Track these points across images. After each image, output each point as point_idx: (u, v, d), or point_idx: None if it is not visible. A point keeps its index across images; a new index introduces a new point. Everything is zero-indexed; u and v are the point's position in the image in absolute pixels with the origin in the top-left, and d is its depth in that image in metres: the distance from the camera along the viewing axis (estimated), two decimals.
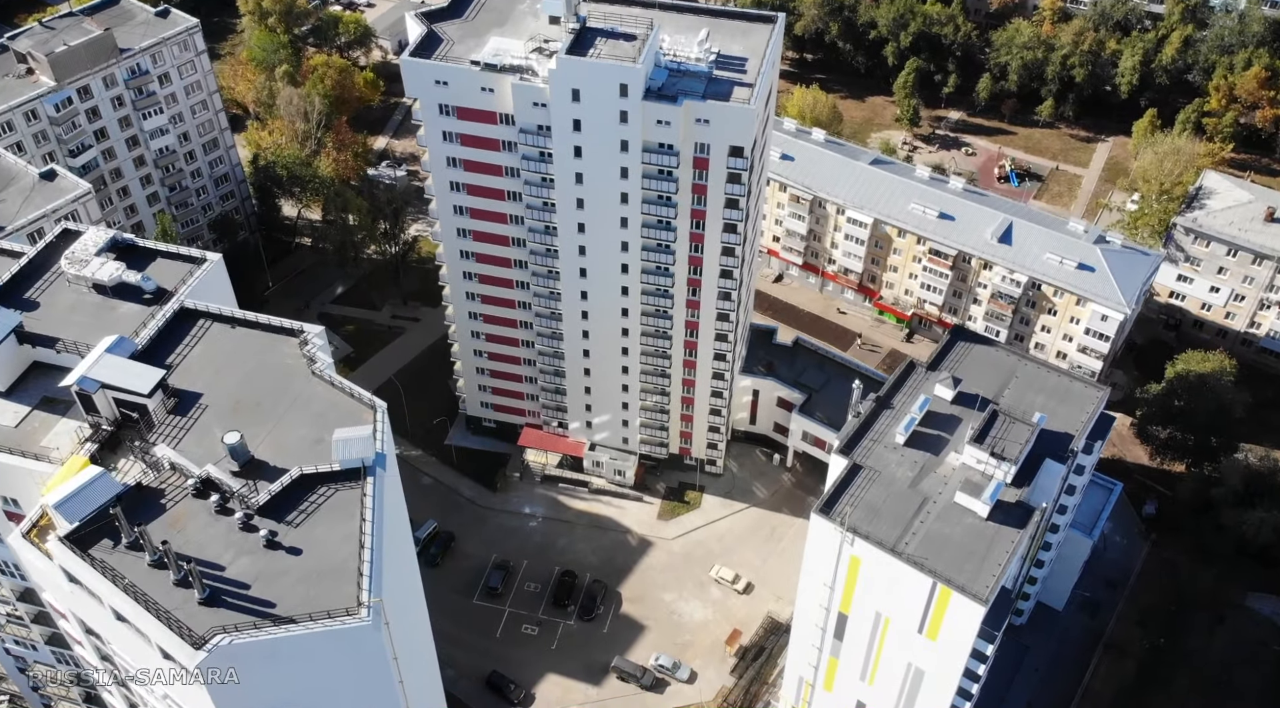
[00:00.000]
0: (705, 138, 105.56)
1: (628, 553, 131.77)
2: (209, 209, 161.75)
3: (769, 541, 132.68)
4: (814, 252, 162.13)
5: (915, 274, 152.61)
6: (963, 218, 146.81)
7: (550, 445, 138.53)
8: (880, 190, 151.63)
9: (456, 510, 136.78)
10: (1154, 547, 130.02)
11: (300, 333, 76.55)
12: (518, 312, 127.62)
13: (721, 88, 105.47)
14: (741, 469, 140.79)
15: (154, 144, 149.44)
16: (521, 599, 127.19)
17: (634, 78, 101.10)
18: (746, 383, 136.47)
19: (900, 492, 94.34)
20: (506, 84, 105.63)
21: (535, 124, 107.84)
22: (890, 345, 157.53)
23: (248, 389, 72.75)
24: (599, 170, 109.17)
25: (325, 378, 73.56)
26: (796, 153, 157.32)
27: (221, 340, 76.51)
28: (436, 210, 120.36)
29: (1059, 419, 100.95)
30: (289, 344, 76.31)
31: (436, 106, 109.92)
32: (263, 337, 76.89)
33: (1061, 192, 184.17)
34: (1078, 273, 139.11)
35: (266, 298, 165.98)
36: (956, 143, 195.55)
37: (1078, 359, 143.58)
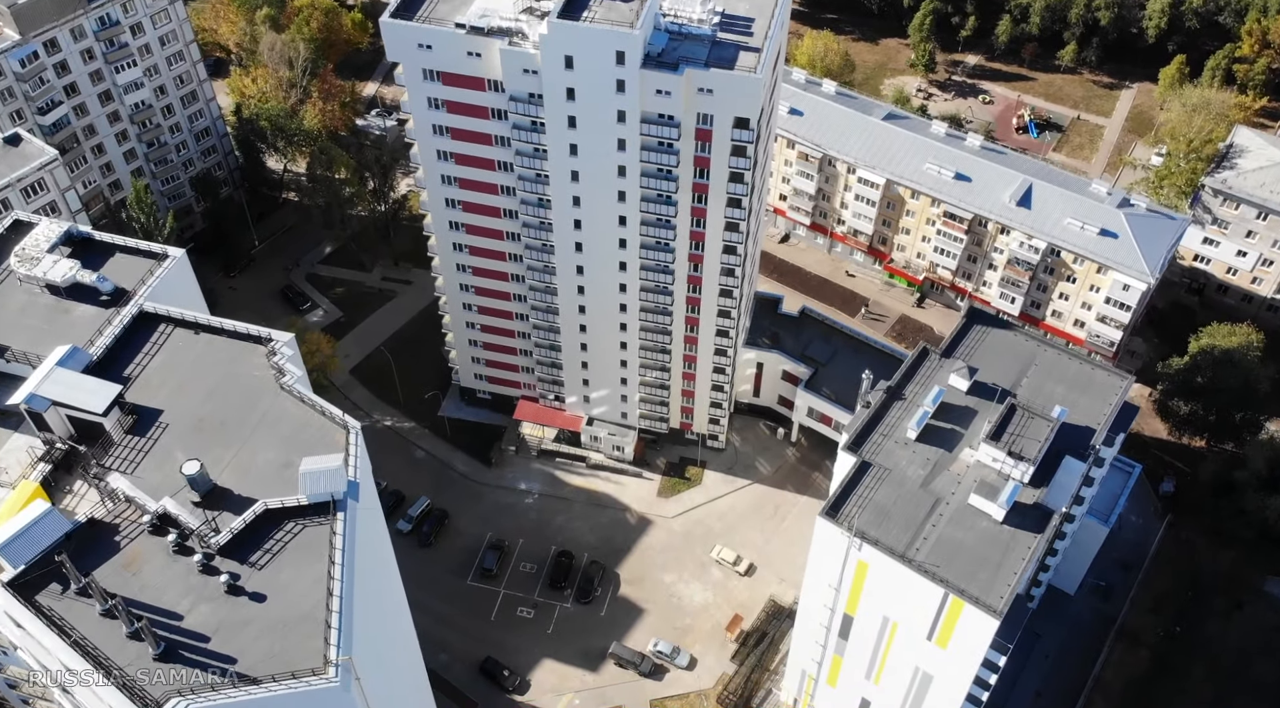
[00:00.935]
0: (708, 108, 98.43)
1: (626, 532, 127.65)
2: (190, 165, 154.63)
3: (772, 519, 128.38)
4: (822, 212, 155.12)
5: (928, 237, 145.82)
6: (980, 179, 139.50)
7: (546, 419, 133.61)
8: (893, 148, 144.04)
9: (450, 486, 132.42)
10: (1170, 527, 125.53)
11: (268, 341, 70.94)
12: (511, 284, 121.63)
13: (726, 53, 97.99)
14: (744, 444, 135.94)
15: (128, 99, 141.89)
16: (517, 580, 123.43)
17: (631, 45, 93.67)
18: (750, 356, 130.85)
19: (911, 492, 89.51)
20: (494, 49, 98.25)
21: (526, 92, 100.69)
22: (900, 311, 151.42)
23: (211, 406, 67.44)
24: (594, 142, 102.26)
25: (295, 393, 68.06)
26: (806, 107, 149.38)
27: (184, 349, 71.02)
28: (423, 180, 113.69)
29: (1080, 411, 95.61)
30: (256, 353, 70.76)
31: (420, 71, 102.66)
32: (228, 344, 71.34)
33: (1082, 143, 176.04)
34: (1100, 239, 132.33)
35: (253, 256, 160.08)
36: (973, 90, 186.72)
37: (1096, 329, 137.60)
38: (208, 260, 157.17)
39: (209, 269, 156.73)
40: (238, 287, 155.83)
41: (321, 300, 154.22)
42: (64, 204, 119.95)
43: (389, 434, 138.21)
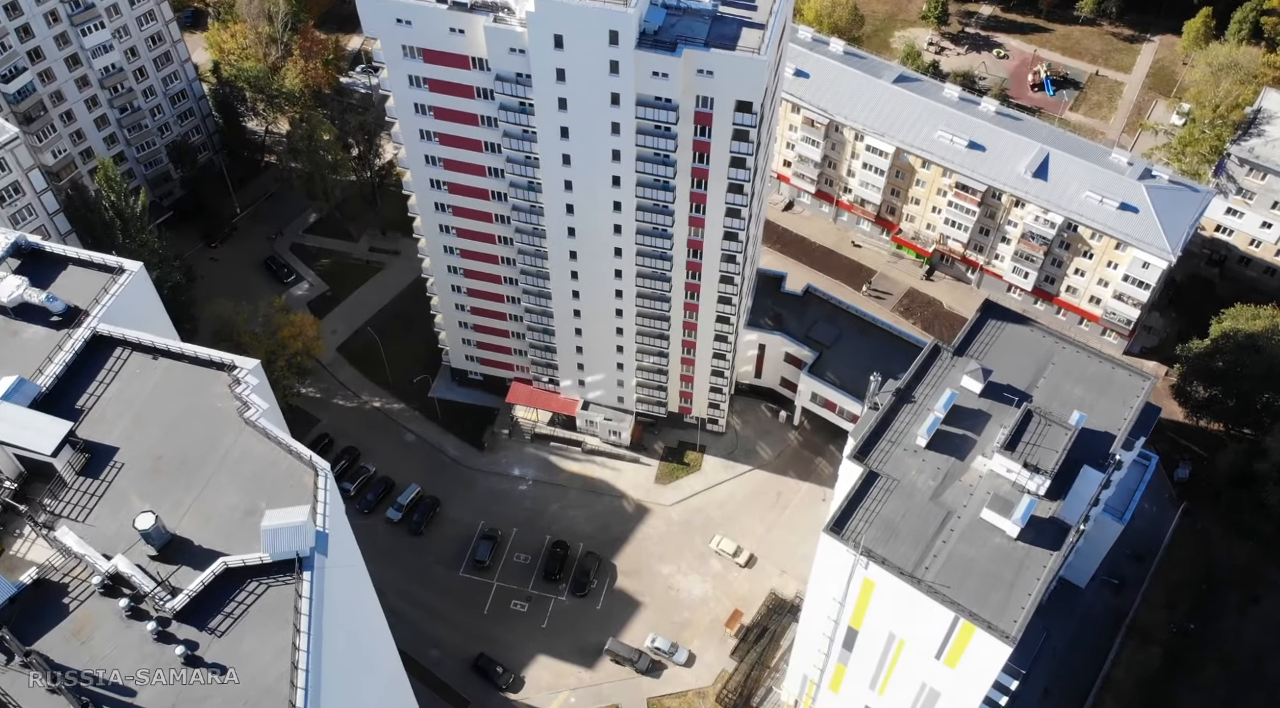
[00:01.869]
0: (708, 91, 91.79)
1: (623, 521, 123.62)
2: (166, 130, 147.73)
3: (773, 507, 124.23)
4: (828, 179, 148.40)
5: (939, 208, 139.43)
6: (994, 148, 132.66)
7: (540, 403, 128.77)
8: (904, 114, 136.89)
9: (441, 472, 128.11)
10: (1185, 516, 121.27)
11: (232, 369, 65.66)
12: (501, 267, 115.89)
13: (728, 30, 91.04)
14: (745, 427, 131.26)
15: (97, 63, 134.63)
16: (510, 572, 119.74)
17: (626, 24, 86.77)
18: (752, 337, 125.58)
19: (921, 505, 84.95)
20: (479, 26, 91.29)
21: (513, 72, 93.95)
22: (908, 284, 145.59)
23: (170, 443, 62.41)
24: (587, 125, 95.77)
25: (260, 428, 62.95)
26: (812, 68, 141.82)
27: (141, 376, 65.79)
28: (406, 160, 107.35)
29: (1098, 415, 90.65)
30: (219, 382, 65.50)
31: (399, 48, 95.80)
32: (188, 371, 65.97)
33: (1101, 101, 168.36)
34: (1119, 214, 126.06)
35: (235, 225, 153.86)
36: (987, 43, 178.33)
37: (1113, 306, 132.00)
38: (188, 229, 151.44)
39: (189, 239, 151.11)
40: (219, 257, 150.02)
41: (306, 273, 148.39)
42: (28, 185, 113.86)
43: (378, 416, 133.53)
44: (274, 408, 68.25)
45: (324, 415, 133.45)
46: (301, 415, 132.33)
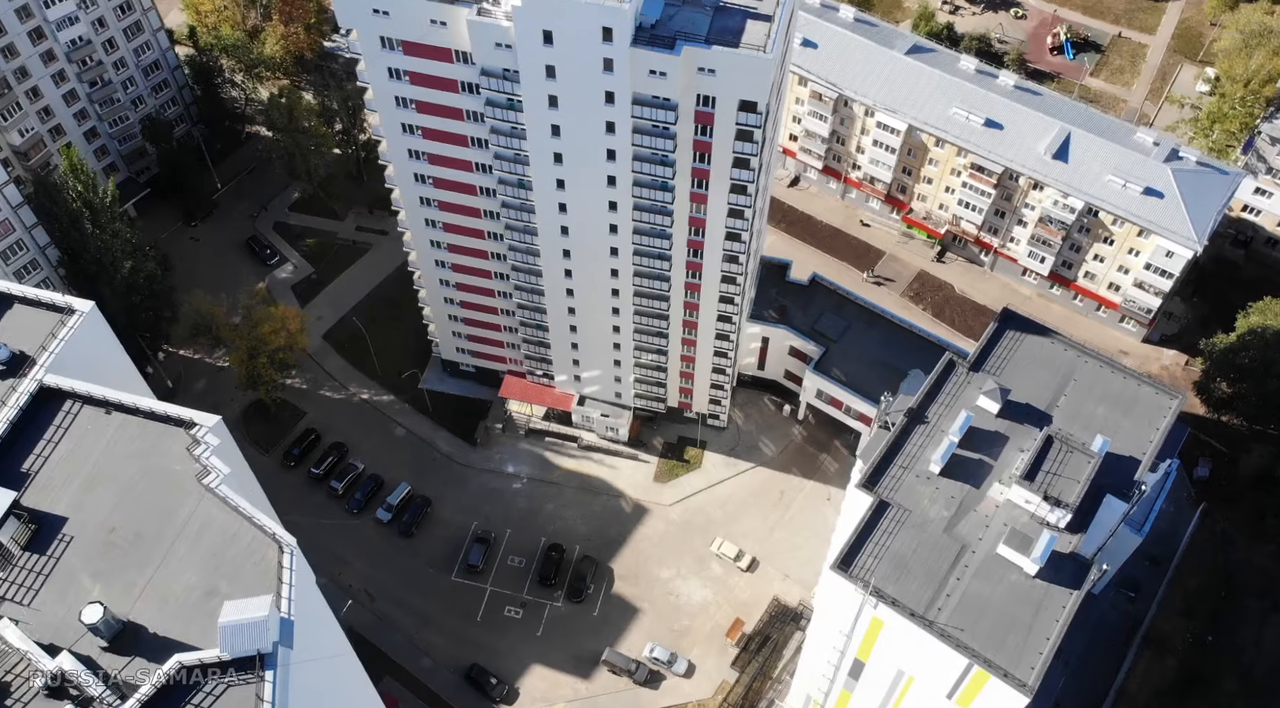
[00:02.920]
0: (710, 90, 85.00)
1: (621, 522, 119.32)
2: (140, 103, 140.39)
3: (776, 507, 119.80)
4: (836, 156, 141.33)
5: (952, 189, 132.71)
6: (1012, 126, 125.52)
7: (535, 398, 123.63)
8: (917, 89, 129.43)
9: (433, 469, 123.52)
10: (1205, 517, 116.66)
11: (191, 427, 60.41)
12: (492, 262, 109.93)
13: (731, 23, 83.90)
14: (747, 421, 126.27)
15: (62, 36, 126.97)
16: (504, 576, 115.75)
17: (620, 21, 79.71)
18: (755, 330, 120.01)
19: (934, 538, 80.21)
20: (461, 18, 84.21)
21: (500, 67, 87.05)
22: (918, 266, 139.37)
23: (124, 512, 57.56)
24: (579, 124, 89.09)
25: (220, 496, 57.99)
26: (820, 38, 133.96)
27: (93, 433, 60.61)
28: (388, 153, 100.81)
29: (1123, 437, 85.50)
30: (177, 440, 60.37)
31: (378, 39, 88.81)
32: (144, 428, 60.86)
33: (1123, 66, 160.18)
34: (1143, 199, 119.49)
35: (216, 202, 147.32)
36: (1004, 1, 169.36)
37: (1133, 294, 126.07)
38: (166, 207, 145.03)
39: (168, 217, 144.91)
40: (200, 237, 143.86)
41: (291, 254, 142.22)
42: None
43: (366, 409, 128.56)
44: (239, 468, 63.25)
45: (310, 408, 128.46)
46: (287, 408, 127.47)
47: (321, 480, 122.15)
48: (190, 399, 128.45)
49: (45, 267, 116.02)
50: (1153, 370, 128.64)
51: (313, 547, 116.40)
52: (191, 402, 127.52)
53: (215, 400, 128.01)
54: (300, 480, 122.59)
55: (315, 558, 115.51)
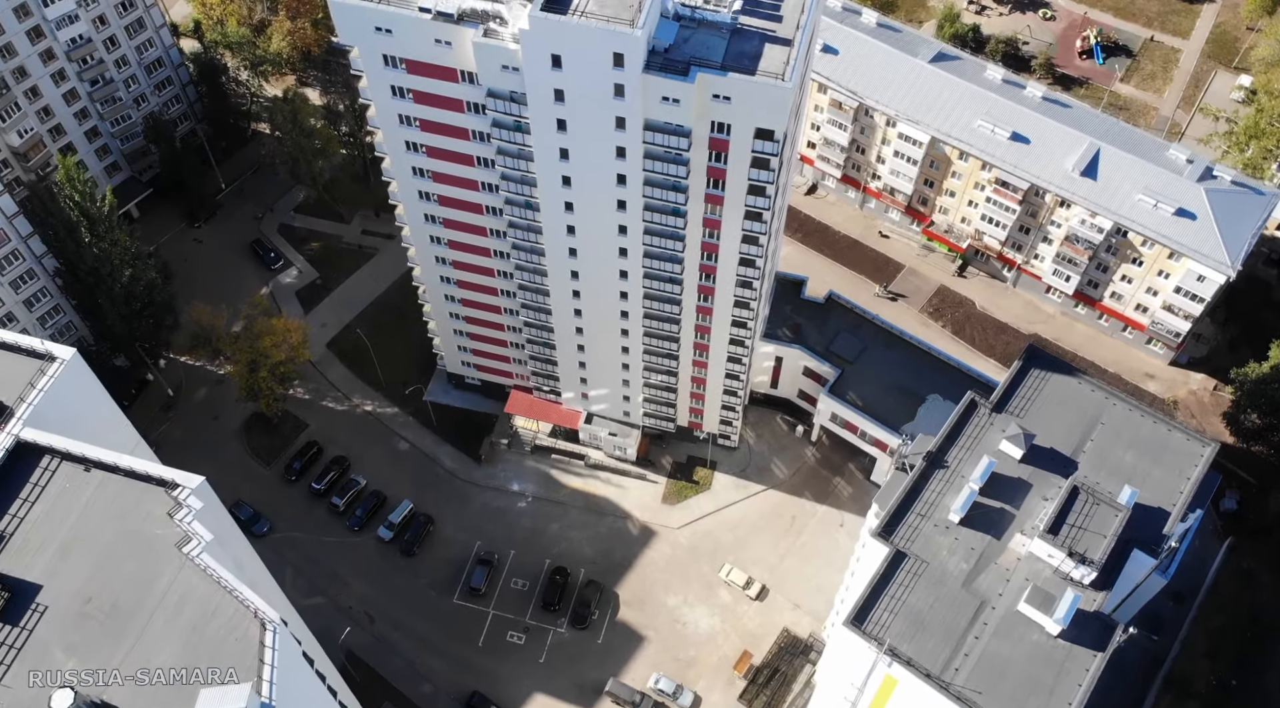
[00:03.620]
0: (725, 117, 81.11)
1: (627, 545, 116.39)
2: (143, 101, 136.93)
3: (787, 533, 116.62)
4: (855, 165, 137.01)
5: (976, 203, 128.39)
6: (1040, 141, 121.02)
7: (541, 414, 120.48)
8: (941, 99, 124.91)
9: (435, 486, 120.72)
10: (1231, 552, 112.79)
11: (174, 488, 57.47)
12: (498, 280, 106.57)
13: (748, 48, 79.84)
14: (759, 441, 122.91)
15: (62, 35, 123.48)
16: (507, 600, 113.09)
17: (632, 46, 75.80)
18: (768, 349, 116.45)
19: (952, 593, 77.08)
20: (467, 39, 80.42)
21: (507, 89, 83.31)
22: (938, 281, 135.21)
23: (101, 580, 54.97)
24: (588, 148, 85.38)
25: (201, 566, 55.15)
26: (841, 44, 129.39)
27: (71, 493, 57.84)
28: (392, 170, 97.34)
29: (1152, 486, 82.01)
30: (159, 502, 57.52)
31: (380, 57, 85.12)
32: (125, 487, 58.14)
33: (1155, 72, 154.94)
34: (1175, 220, 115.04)
35: (220, 202, 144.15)
36: (1032, 2, 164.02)
37: (1161, 317, 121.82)
38: (170, 207, 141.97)
39: (171, 218, 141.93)
40: (204, 239, 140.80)
41: (295, 257, 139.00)
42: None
43: (369, 421, 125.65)
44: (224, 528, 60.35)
45: (313, 419, 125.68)
46: (289, 419, 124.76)
47: (322, 496, 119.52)
48: (191, 408, 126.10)
49: (42, 276, 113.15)
50: (1180, 395, 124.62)
51: (312, 565, 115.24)
52: (192, 411, 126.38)
53: (217, 410, 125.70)
54: (301, 495, 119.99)
55: (314, 577, 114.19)
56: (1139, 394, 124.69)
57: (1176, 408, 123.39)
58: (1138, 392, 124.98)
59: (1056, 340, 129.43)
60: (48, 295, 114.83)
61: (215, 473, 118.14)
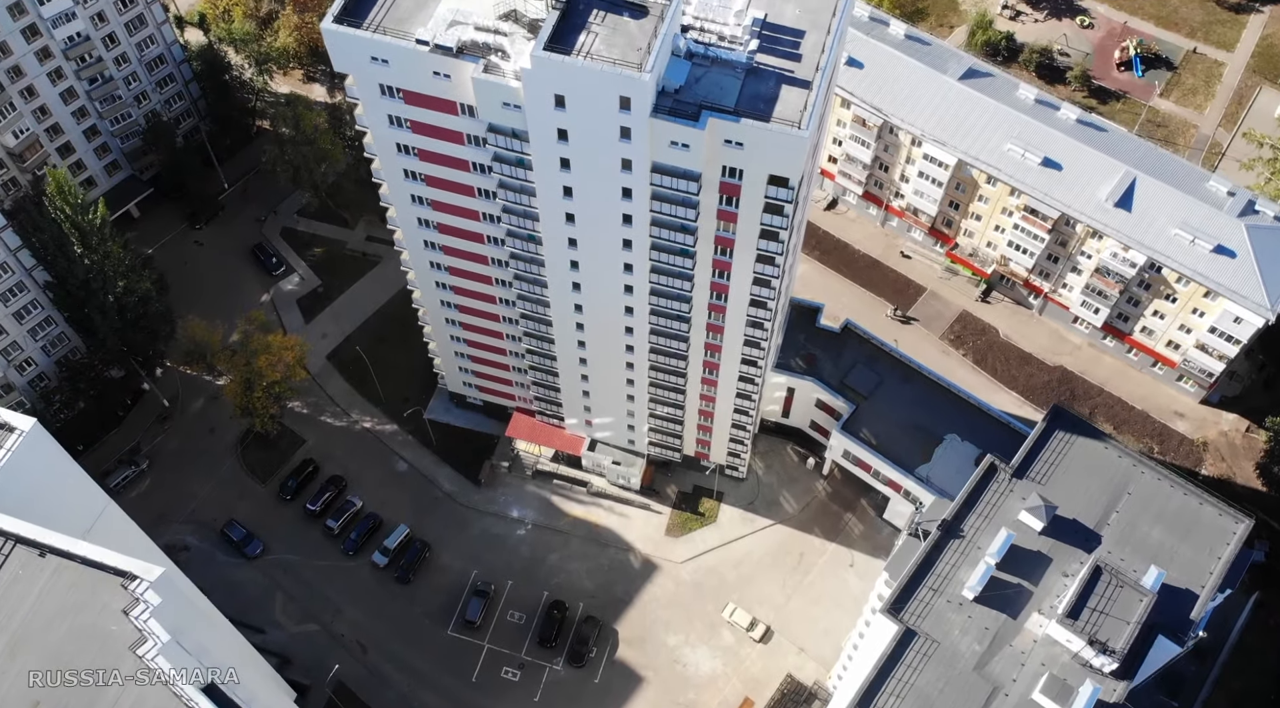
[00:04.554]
0: (736, 162, 76.34)
1: (629, 579, 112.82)
2: (144, 99, 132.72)
3: (795, 571, 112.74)
4: (878, 182, 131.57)
5: (1003, 228, 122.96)
6: (1072, 168, 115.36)
7: (543, 439, 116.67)
8: (970, 119, 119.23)
9: (433, 509, 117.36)
10: (1258, 608, 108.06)
11: (131, 579, 53.95)
12: (499, 307, 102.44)
13: (764, 89, 74.85)
14: (768, 472, 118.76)
15: (58, 33, 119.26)
16: (503, 633, 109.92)
17: (639, 91, 70.95)
18: (780, 380, 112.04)
19: (963, 677, 73.19)
20: (466, 74, 75.74)
21: (509, 126, 78.69)
22: (960, 306, 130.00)
23: (49, 687, 51.44)
24: (593, 187, 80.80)
25: (155, 670, 51.68)
26: (867, 58, 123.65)
27: (25, 580, 54.48)
28: (389, 195, 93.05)
29: (1180, 565, 77.64)
30: (116, 595, 54.04)
31: (377, 87, 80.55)
32: (80, 575, 54.65)
33: (1196, 86, 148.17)
34: (1213, 258, 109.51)
35: (222, 204, 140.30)
36: (1071, 7, 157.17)
37: (1194, 356, 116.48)
38: (171, 207, 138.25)
39: (172, 218, 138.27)
40: (204, 241, 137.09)
41: (298, 264, 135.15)
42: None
43: (368, 439, 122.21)
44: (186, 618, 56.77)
45: (310, 435, 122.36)
46: (286, 435, 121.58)
47: (317, 517, 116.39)
48: (188, 420, 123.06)
49: (33, 289, 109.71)
50: (1210, 436, 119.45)
51: (305, 590, 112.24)
52: (189, 422, 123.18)
53: (213, 422, 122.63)
54: (296, 515, 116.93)
55: (307, 603, 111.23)
56: (1167, 434, 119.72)
57: (1206, 449, 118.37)
58: (1166, 431, 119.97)
59: (1082, 374, 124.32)
60: (39, 308, 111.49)
61: (210, 490, 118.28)
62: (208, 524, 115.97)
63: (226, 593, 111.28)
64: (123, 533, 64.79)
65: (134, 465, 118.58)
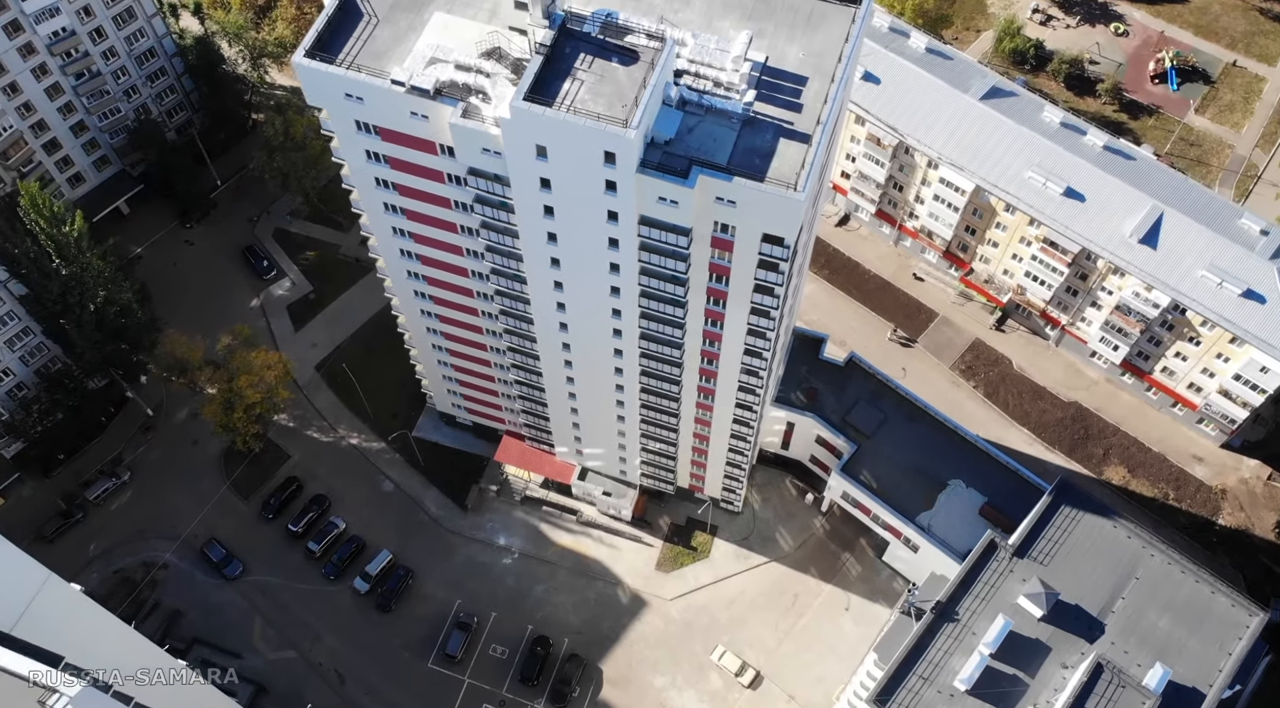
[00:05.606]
0: (729, 219, 71.44)
1: (616, 615, 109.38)
2: (134, 93, 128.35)
3: (788, 613, 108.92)
4: (891, 201, 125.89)
5: (1020, 257, 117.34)
6: (1096, 199, 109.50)
7: (533, 465, 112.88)
8: (990, 143, 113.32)
9: (418, 534, 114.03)
10: (1270, 671, 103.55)
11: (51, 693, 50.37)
12: (486, 337, 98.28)
13: (760, 143, 69.66)
14: (765, 506, 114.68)
15: (42, 29, 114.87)
16: (484, 668, 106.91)
17: (624, 148, 65.99)
18: (780, 415, 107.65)
19: None
20: (444, 117, 70.92)
21: (490, 171, 73.95)
22: (973, 334, 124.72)
23: None
24: (578, 235, 76.18)
25: None
26: (884, 73, 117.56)
27: None
28: (369, 225, 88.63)
29: (1187, 661, 73.26)
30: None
31: (352, 122, 75.82)
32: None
33: (1234, 103, 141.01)
34: (1241, 302, 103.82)
35: (215, 201, 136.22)
36: (1106, 13, 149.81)
37: (1216, 401, 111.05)
38: (162, 203, 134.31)
39: (163, 216, 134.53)
40: (195, 240, 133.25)
41: (289, 267, 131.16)
42: None
43: (354, 456, 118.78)
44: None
45: (296, 450, 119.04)
46: (271, 449, 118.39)
47: (299, 538, 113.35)
48: (171, 430, 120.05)
49: (9, 301, 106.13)
50: (1229, 483, 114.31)
51: (284, 614, 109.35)
52: (172, 433, 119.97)
53: (196, 434, 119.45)
54: (278, 535, 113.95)
55: (285, 627, 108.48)
56: (1184, 480, 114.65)
57: (1224, 498, 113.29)
58: (1183, 476, 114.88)
59: (1098, 411, 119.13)
60: (15, 319, 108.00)
61: (191, 505, 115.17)
62: (188, 541, 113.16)
63: (204, 615, 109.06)
64: (69, 612, 61.39)
65: (115, 477, 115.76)
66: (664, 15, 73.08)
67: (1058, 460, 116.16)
